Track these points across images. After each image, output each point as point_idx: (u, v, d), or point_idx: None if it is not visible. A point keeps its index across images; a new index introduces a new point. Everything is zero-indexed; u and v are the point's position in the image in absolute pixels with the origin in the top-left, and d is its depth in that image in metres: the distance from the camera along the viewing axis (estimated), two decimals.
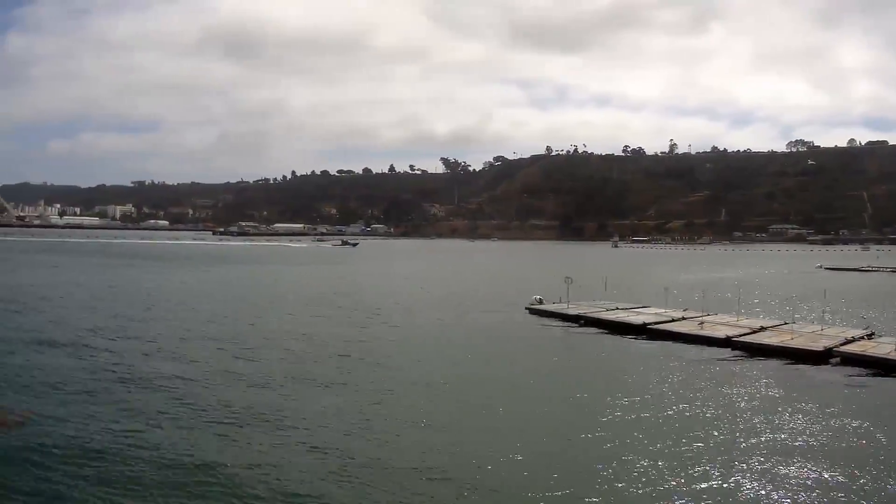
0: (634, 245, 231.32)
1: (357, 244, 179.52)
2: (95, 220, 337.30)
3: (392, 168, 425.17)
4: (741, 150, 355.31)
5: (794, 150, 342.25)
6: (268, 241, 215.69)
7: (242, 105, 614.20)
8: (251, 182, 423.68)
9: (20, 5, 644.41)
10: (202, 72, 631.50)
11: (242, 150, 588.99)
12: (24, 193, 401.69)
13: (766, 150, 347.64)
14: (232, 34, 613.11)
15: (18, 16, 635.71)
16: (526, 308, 42.57)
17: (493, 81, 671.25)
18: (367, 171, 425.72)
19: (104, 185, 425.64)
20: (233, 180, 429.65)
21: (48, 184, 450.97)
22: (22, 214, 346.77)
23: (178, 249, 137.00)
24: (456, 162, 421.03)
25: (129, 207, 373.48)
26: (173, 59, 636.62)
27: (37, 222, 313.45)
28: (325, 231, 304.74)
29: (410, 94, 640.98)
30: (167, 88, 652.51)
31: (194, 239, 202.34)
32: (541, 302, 42.66)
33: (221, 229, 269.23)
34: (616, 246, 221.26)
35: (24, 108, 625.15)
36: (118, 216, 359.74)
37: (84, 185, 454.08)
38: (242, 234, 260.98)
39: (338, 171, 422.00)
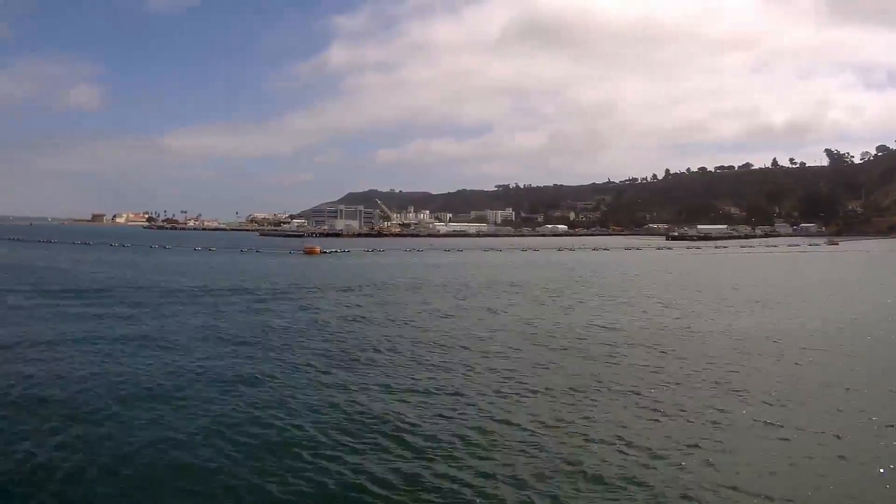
0: None
1: None
2: (483, 227, 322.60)
3: (775, 161, 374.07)
4: None
5: None
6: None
7: (573, 104, 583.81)
8: (617, 182, 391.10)
9: (333, 15, 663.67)
10: (526, 70, 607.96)
11: (575, 150, 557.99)
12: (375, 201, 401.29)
13: None
14: (550, 29, 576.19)
15: (334, 27, 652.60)
16: None
17: (824, 66, 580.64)
18: (746, 165, 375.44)
19: (464, 190, 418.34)
20: (598, 182, 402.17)
21: (396, 191, 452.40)
22: (406, 222, 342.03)
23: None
24: (839, 153, 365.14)
25: (509, 212, 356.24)
26: (494, 60, 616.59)
27: (442, 230, 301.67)
28: (757, 233, 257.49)
29: (743, 84, 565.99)
30: (493, 90, 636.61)
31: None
32: None
33: (675, 233, 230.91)
34: None
35: (352, 118, 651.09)
36: (499, 221, 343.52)
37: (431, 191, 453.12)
38: (704, 236, 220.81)
39: (715, 168, 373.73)
